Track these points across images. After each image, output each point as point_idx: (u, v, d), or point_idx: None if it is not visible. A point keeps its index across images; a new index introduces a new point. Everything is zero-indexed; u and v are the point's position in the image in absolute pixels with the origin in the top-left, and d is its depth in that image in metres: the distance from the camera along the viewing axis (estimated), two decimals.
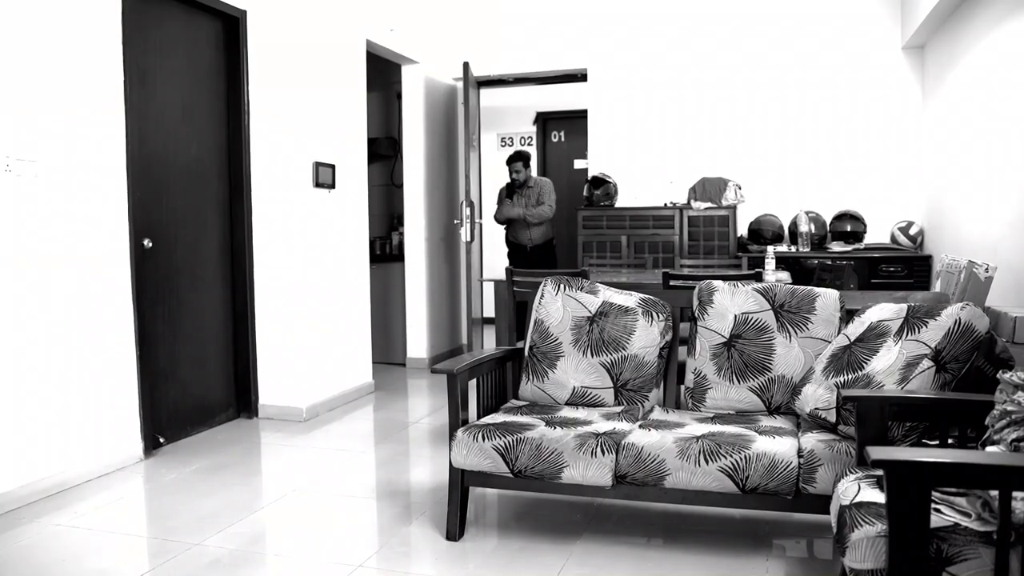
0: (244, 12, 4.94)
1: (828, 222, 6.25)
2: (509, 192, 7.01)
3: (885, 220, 6.32)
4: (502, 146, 9.34)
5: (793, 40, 6.53)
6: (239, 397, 5.09)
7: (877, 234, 6.31)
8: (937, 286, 4.39)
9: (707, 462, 2.77)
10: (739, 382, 3.30)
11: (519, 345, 3.75)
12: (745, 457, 2.75)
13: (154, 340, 4.38)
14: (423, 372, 6.61)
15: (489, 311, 7.02)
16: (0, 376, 3.48)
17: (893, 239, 6.22)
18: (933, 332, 2.73)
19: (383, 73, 6.90)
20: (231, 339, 5.04)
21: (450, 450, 3.08)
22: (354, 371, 5.64)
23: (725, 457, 2.76)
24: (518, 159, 6.89)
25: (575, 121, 8.61)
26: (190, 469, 4.07)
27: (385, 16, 6.10)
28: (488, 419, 3.21)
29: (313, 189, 5.09)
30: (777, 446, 2.80)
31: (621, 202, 6.75)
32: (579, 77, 7.20)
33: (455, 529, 3.14)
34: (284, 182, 5.01)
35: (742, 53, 6.65)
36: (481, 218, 7.09)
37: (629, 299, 3.57)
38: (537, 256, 7.00)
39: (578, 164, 8.89)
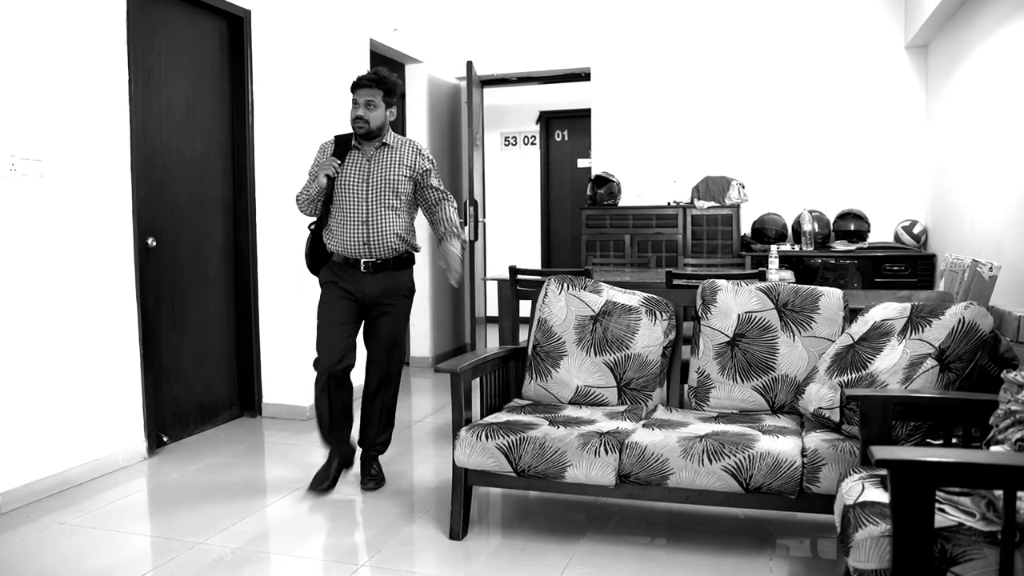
0: (248, 12, 4.94)
1: (831, 221, 6.24)
2: (341, 149, 3.69)
3: (889, 219, 6.31)
4: (505, 145, 9.34)
5: (797, 39, 6.52)
6: (242, 396, 5.09)
7: (881, 233, 6.30)
8: (941, 285, 4.38)
9: (711, 461, 2.77)
10: (742, 381, 3.30)
11: (522, 344, 3.75)
12: (749, 456, 2.75)
13: (158, 338, 4.39)
14: (426, 371, 6.61)
15: (492, 310, 7.02)
16: (5, 374, 3.48)
17: (897, 238, 6.22)
18: (937, 331, 2.73)
19: None
20: (235, 338, 5.04)
21: (453, 449, 3.08)
22: (358, 370, 5.62)
23: (729, 456, 2.76)
24: (377, 83, 3.61)
25: (578, 120, 8.61)
26: (193, 468, 4.08)
27: (389, 15, 6.10)
28: (491, 418, 3.21)
29: None
30: (781, 445, 2.79)
31: (624, 201, 6.75)
32: (582, 76, 7.20)
33: (458, 528, 3.14)
34: (288, 180, 5.01)
35: (746, 52, 6.64)
36: (484, 217, 7.08)
37: (632, 298, 3.57)
38: (380, 288, 3.66)
39: (581, 163, 8.89)
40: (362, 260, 3.64)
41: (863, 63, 6.38)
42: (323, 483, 3.68)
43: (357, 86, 3.64)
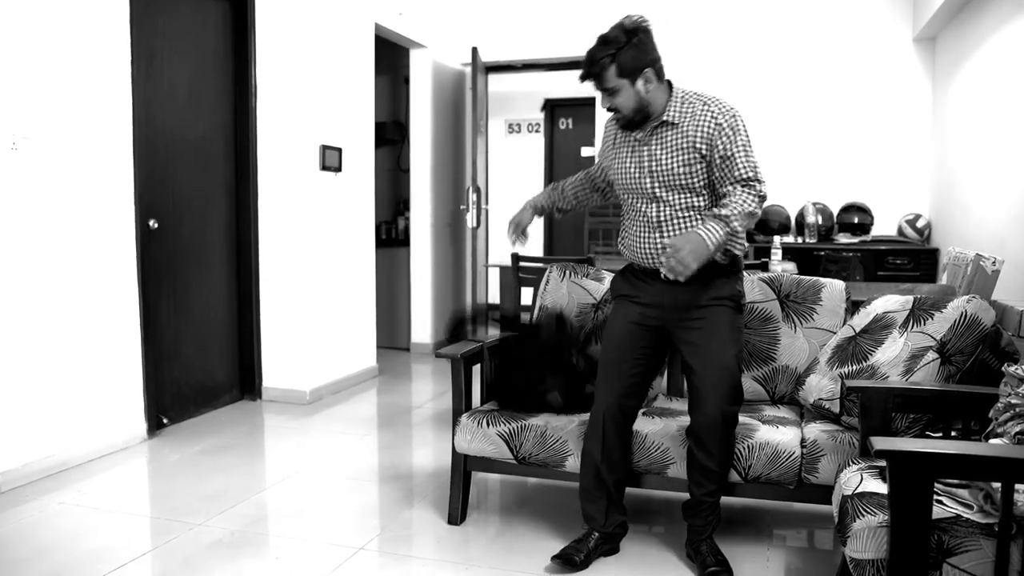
0: None
1: (835, 213, 6.23)
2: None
3: (892, 212, 6.29)
4: (509, 132, 9.31)
5: (803, 30, 6.49)
6: (243, 379, 5.10)
7: (884, 226, 6.28)
8: (944, 279, 4.37)
9: None
10: (743, 371, 3.29)
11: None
12: (748, 446, 2.75)
13: (159, 321, 4.39)
14: (427, 357, 6.62)
15: (494, 297, 7.03)
16: (5, 355, 3.49)
17: (900, 231, 6.20)
18: (939, 324, 2.72)
19: (391, 57, 6.89)
20: (235, 321, 5.05)
21: (453, 435, 3.08)
22: (358, 355, 5.65)
23: None
24: (597, 72, 2.65)
25: (583, 108, 8.57)
26: (193, 450, 4.09)
27: (394, 0, 6.08)
28: (492, 405, 3.21)
29: (319, 172, 5.09)
30: (780, 436, 2.79)
31: None
32: None
33: (457, 513, 3.15)
34: (290, 164, 5.01)
35: (752, 43, 6.61)
36: (487, 204, 7.07)
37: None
38: (686, 298, 2.68)
39: (585, 151, 8.86)
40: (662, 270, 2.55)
41: (870, 56, 6.35)
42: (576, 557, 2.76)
43: (583, 79, 2.69)
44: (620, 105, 2.65)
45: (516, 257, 4.79)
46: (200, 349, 4.75)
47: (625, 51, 2.61)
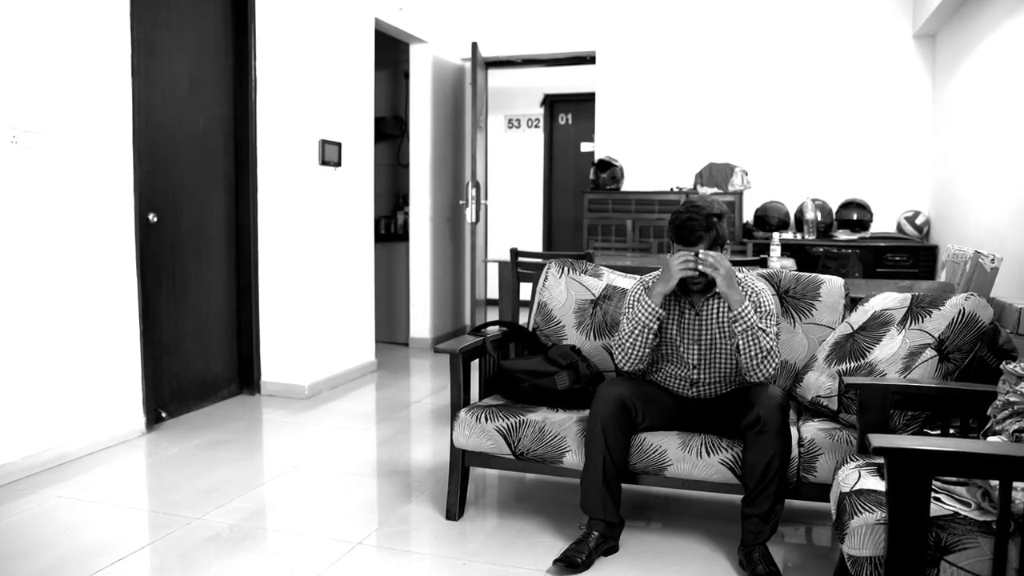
0: None
1: (834, 210, 6.23)
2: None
3: (891, 209, 6.29)
4: (509, 128, 9.31)
5: (804, 26, 6.48)
6: (242, 373, 5.10)
7: (883, 223, 6.28)
8: (942, 276, 4.37)
9: (708, 455, 2.76)
10: None
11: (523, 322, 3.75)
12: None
13: (158, 315, 4.39)
14: (426, 352, 6.62)
15: (493, 292, 7.03)
16: (5, 348, 3.49)
17: (899, 228, 6.20)
18: (937, 322, 2.73)
19: (391, 52, 6.88)
20: (235, 315, 5.04)
21: (452, 430, 3.08)
22: (357, 350, 5.65)
23: (726, 451, 2.75)
24: (707, 226, 2.79)
25: (583, 104, 8.58)
26: (192, 444, 4.09)
27: None
28: (490, 400, 3.21)
29: (319, 167, 5.08)
30: None
31: (627, 186, 6.73)
32: (587, 59, 7.16)
33: (455, 508, 3.15)
34: (290, 159, 5.00)
35: (752, 39, 6.60)
36: (486, 199, 7.06)
37: (633, 283, 3.55)
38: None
39: (585, 147, 8.86)
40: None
41: (870, 52, 6.35)
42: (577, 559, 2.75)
43: (682, 240, 2.79)
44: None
45: (515, 252, 4.79)
46: (199, 343, 4.75)
47: (722, 222, 2.84)
